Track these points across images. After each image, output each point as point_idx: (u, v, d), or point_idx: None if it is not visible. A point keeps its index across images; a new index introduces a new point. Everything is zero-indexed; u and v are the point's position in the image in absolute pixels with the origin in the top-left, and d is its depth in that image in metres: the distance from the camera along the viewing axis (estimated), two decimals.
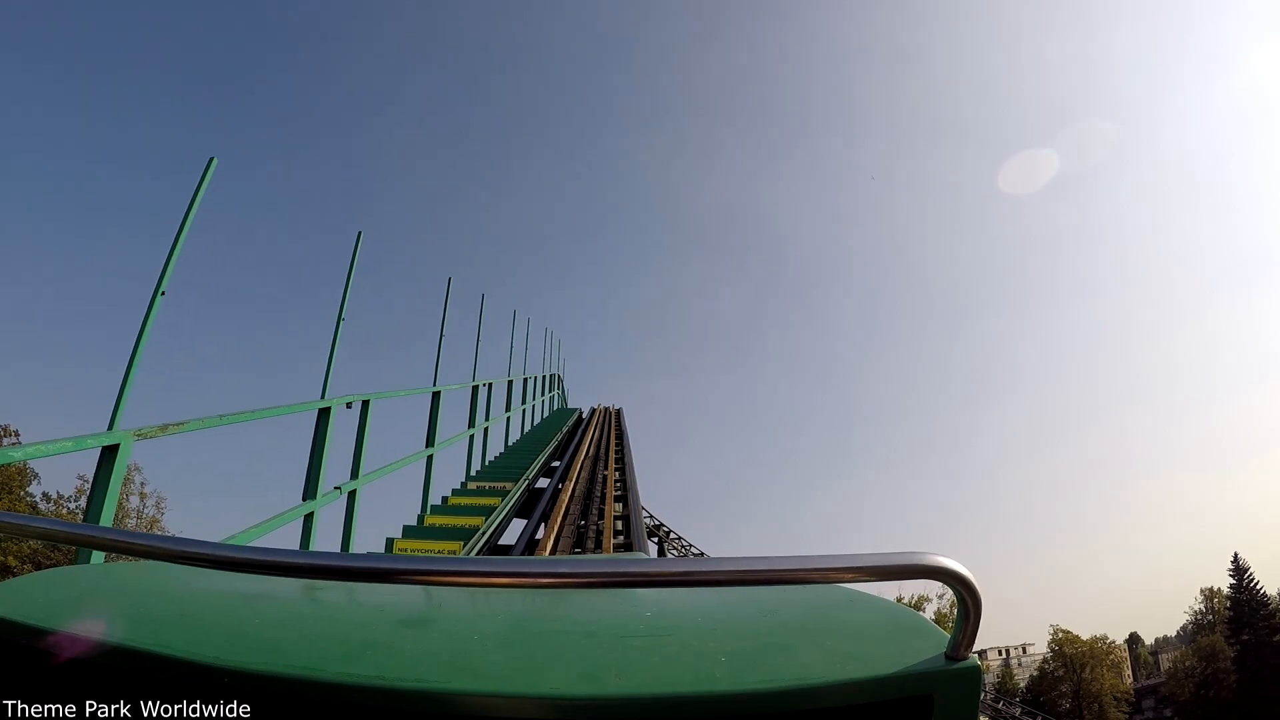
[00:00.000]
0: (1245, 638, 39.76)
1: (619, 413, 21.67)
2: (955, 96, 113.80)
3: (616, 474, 12.15)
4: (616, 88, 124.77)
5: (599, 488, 10.57)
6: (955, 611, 0.81)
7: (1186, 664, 41.01)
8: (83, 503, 22.14)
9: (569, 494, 10.02)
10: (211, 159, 3.91)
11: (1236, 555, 42.08)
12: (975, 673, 0.81)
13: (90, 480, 3.06)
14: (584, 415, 21.28)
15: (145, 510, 26.99)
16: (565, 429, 16.55)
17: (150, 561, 1.03)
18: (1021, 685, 44.11)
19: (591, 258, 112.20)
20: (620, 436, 16.76)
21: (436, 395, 7.98)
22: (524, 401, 13.87)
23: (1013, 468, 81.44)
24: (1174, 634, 66.03)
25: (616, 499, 10.26)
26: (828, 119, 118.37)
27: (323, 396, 5.07)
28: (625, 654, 0.87)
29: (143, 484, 28.52)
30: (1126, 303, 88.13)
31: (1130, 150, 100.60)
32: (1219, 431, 73.86)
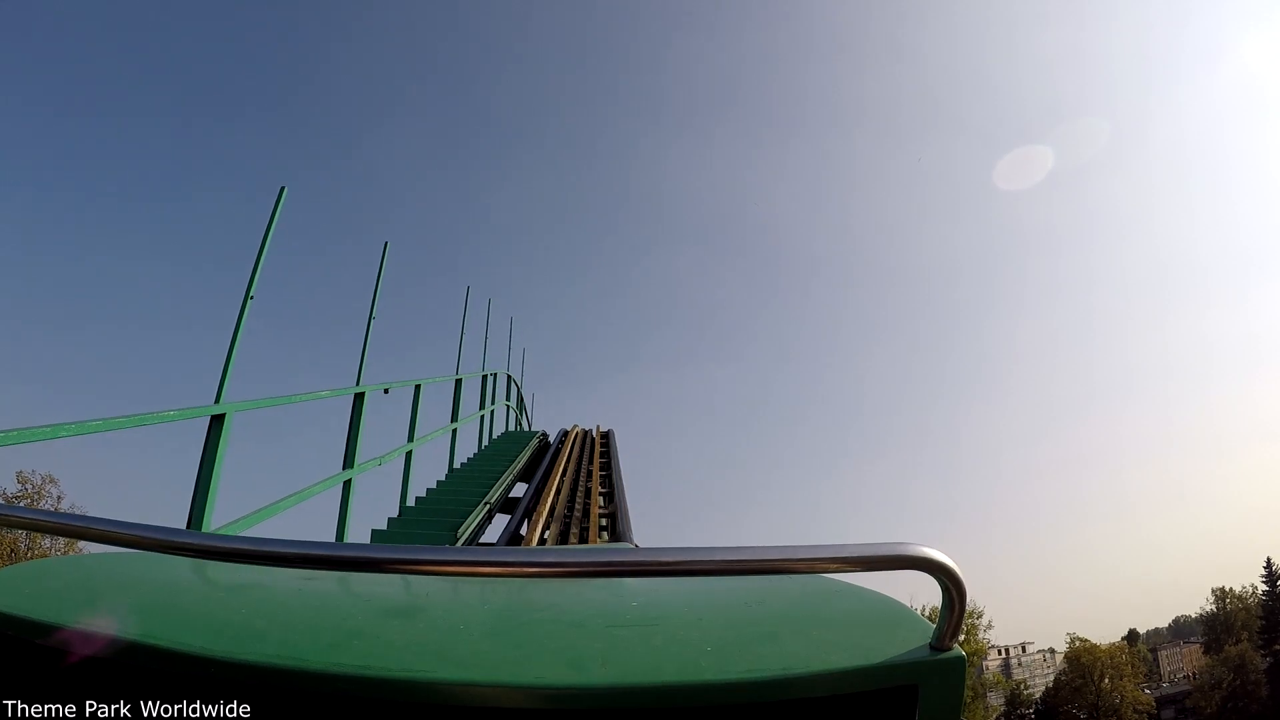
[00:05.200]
0: (1278, 648, 36.54)
1: (608, 439, 12.22)
2: (950, 91, 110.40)
3: None
4: (609, 82, 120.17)
5: None
6: (940, 602, 0.82)
7: (1214, 673, 37.91)
8: None
9: None
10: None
11: (1270, 561, 39.00)
12: (960, 663, 0.82)
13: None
14: (551, 443, 12.40)
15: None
16: (504, 483, 8.74)
17: (135, 551, 0.97)
18: (1022, 687, 41.03)
19: (585, 255, 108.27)
20: (614, 510, 7.77)
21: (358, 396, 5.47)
22: (427, 433, 7.66)
23: (1001, 461, 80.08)
24: (1165, 625, 63.83)
25: None
26: (823, 113, 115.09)
27: (217, 399, 3.85)
28: (612, 643, 0.88)
29: (59, 497, 25.09)
30: (1124, 296, 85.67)
31: (1124, 145, 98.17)
32: (1211, 423, 72.95)
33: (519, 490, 9.37)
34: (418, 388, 7.40)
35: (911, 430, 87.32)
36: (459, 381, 9.33)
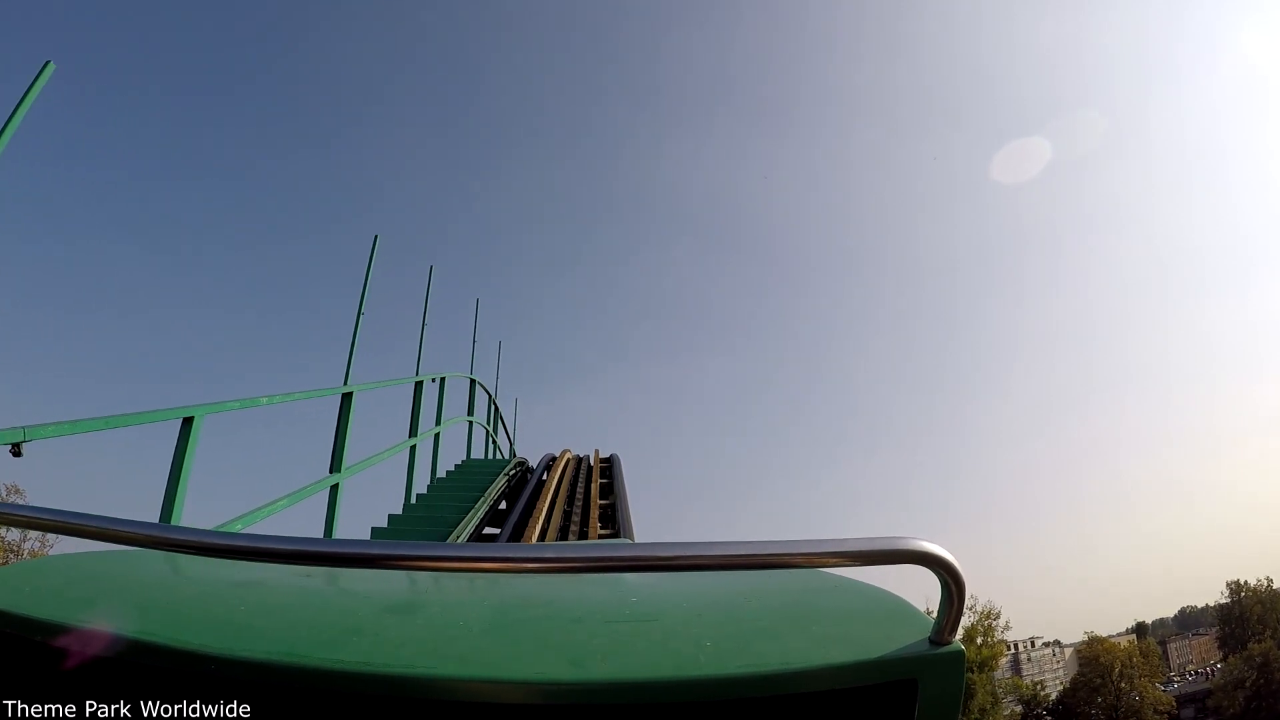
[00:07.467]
0: None
1: (610, 473, 9.47)
2: (947, 83, 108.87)
3: None
4: (601, 72, 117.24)
5: None
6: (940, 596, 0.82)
7: (1236, 672, 36.33)
8: None
9: None
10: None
11: None
12: (959, 657, 0.82)
13: None
14: (531, 475, 9.78)
15: (27, 542, 20.63)
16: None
17: (133, 549, 0.97)
18: (1039, 688, 39.03)
19: (577, 250, 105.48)
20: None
21: None
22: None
23: (1001, 455, 79.47)
24: (1172, 617, 62.76)
25: None
26: (819, 106, 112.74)
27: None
28: (611, 639, 0.88)
29: None
30: (1122, 291, 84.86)
31: (1122, 137, 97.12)
32: (1211, 416, 73.27)
33: None
34: (187, 421, 3.45)
35: (912, 425, 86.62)
36: (348, 397, 5.30)
